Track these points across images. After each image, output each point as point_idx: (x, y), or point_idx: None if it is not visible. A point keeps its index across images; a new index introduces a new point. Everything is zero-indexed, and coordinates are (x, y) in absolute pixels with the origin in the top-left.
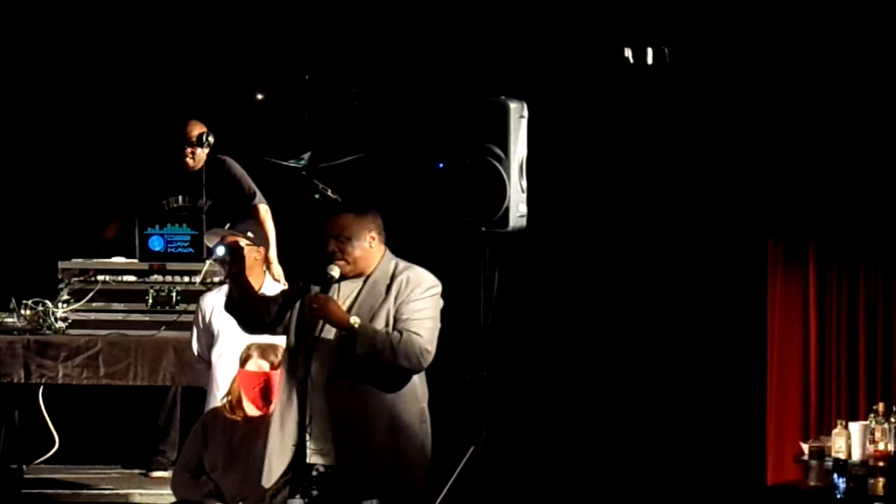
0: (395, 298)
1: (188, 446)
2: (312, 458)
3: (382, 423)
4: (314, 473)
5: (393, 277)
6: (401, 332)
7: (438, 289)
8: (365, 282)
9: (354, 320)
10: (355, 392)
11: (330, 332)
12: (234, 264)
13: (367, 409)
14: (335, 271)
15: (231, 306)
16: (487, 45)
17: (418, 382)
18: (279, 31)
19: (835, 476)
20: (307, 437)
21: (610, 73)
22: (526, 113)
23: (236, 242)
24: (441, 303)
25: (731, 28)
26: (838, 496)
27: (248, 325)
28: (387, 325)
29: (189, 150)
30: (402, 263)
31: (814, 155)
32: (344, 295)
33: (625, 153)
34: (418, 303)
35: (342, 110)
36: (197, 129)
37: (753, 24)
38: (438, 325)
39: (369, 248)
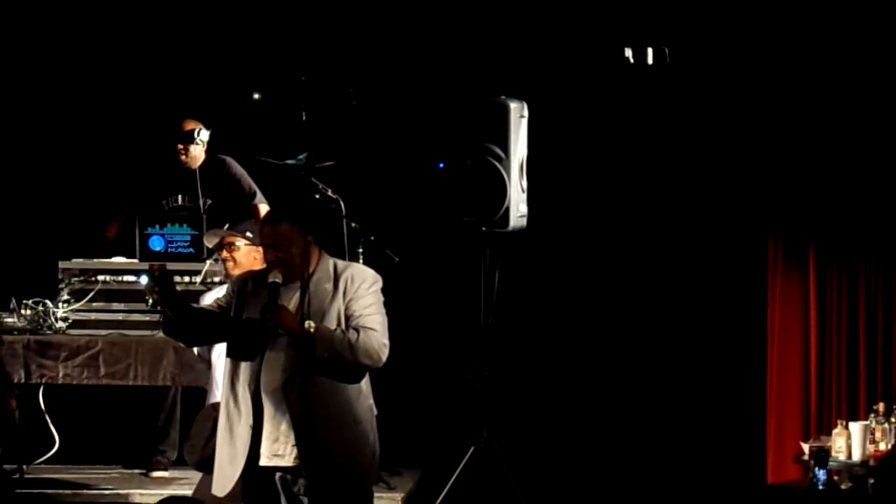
0: (344, 296)
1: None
2: (271, 461)
3: (340, 419)
4: (277, 476)
5: (337, 276)
6: (357, 330)
7: (380, 283)
8: (308, 283)
9: (309, 325)
10: (312, 391)
11: (280, 336)
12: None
13: (326, 407)
14: (278, 278)
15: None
16: (487, 45)
17: (364, 379)
18: (276, 30)
19: (816, 469)
20: (264, 441)
21: (610, 73)
22: (526, 113)
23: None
24: (382, 297)
25: (732, 28)
26: (820, 487)
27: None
28: (339, 323)
29: (181, 146)
30: (341, 262)
31: (814, 155)
32: (287, 299)
33: (625, 153)
34: (366, 298)
35: (340, 110)
36: (189, 125)
37: (753, 24)
38: (386, 318)
39: (307, 251)
